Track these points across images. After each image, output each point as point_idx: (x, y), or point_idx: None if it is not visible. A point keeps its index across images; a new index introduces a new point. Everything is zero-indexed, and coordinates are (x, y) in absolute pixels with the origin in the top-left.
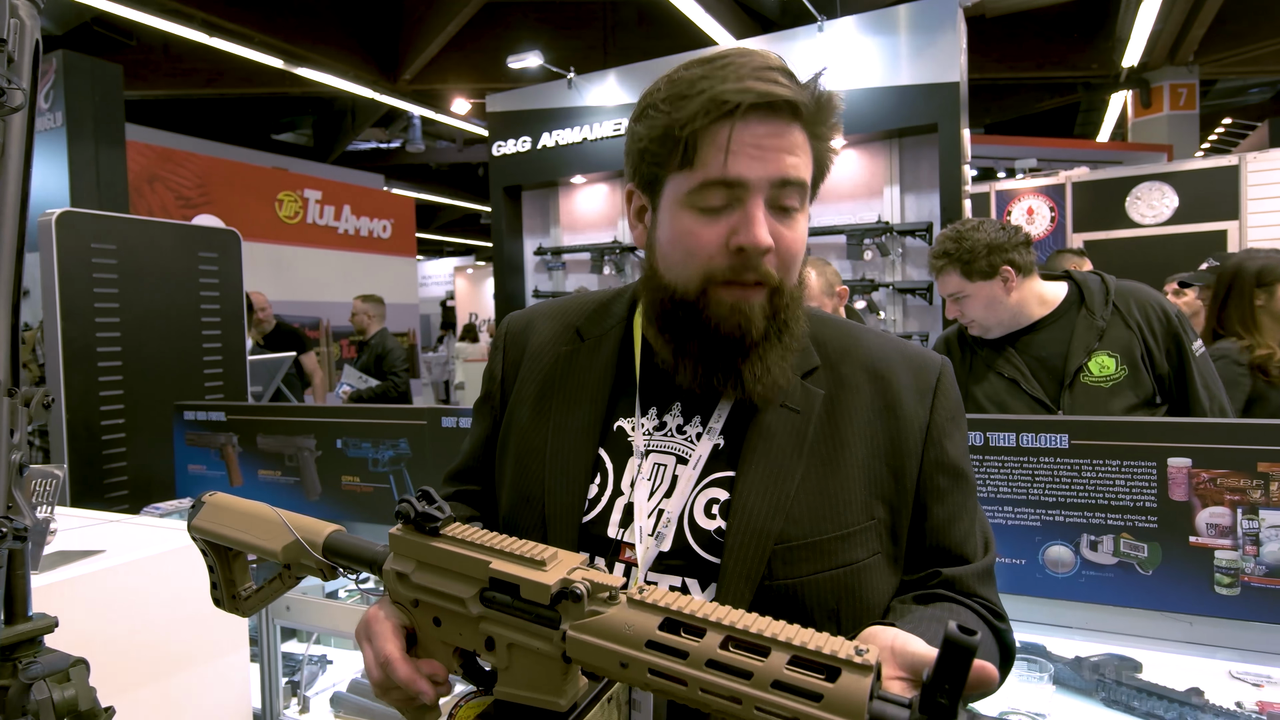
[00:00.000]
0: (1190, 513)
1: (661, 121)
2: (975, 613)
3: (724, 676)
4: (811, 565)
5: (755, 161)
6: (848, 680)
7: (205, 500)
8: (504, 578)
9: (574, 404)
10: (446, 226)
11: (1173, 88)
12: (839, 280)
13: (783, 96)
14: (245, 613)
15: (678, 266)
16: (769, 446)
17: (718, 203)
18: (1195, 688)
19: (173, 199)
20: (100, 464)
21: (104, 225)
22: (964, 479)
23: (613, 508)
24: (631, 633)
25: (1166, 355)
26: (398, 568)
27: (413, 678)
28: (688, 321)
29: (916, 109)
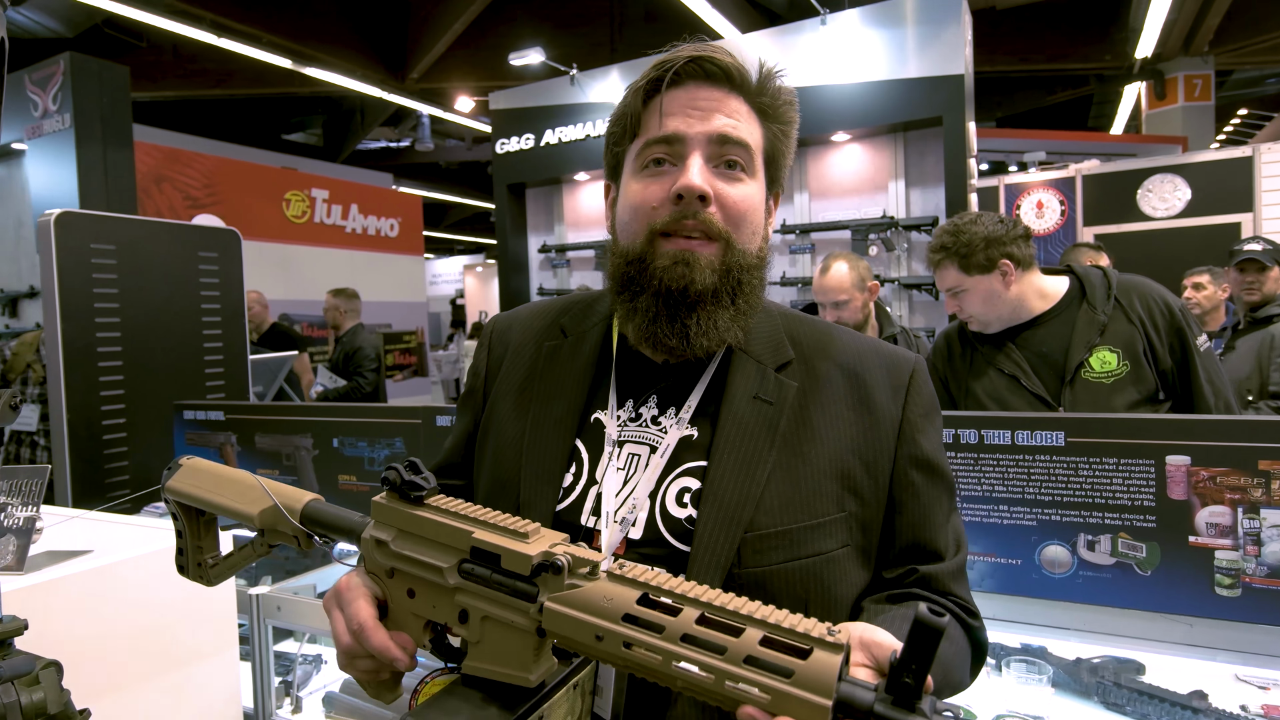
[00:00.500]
0: (1189, 512)
1: (619, 109)
2: (950, 611)
3: (698, 651)
4: (781, 554)
5: (691, 118)
6: (819, 658)
7: (182, 463)
8: (486, 547)
9: (553, 397)
10: (456, 225)
11: (1187, 79)
12: (870, 275)
13: (716, 59)
14: (211, 582)
15: (627, 226)
16: (741, 436)
17: (660, 155)
18: (1199, 690)
19: (180, 199)
20: (101, 463)
21: (103, 226)
22: (938, 475)
23: (586, 496)
24: (610, 606)
25: (1170, 350)
26: (378, 535)
27: (387, 644)
28: (638, 278)
29: (921, 102)
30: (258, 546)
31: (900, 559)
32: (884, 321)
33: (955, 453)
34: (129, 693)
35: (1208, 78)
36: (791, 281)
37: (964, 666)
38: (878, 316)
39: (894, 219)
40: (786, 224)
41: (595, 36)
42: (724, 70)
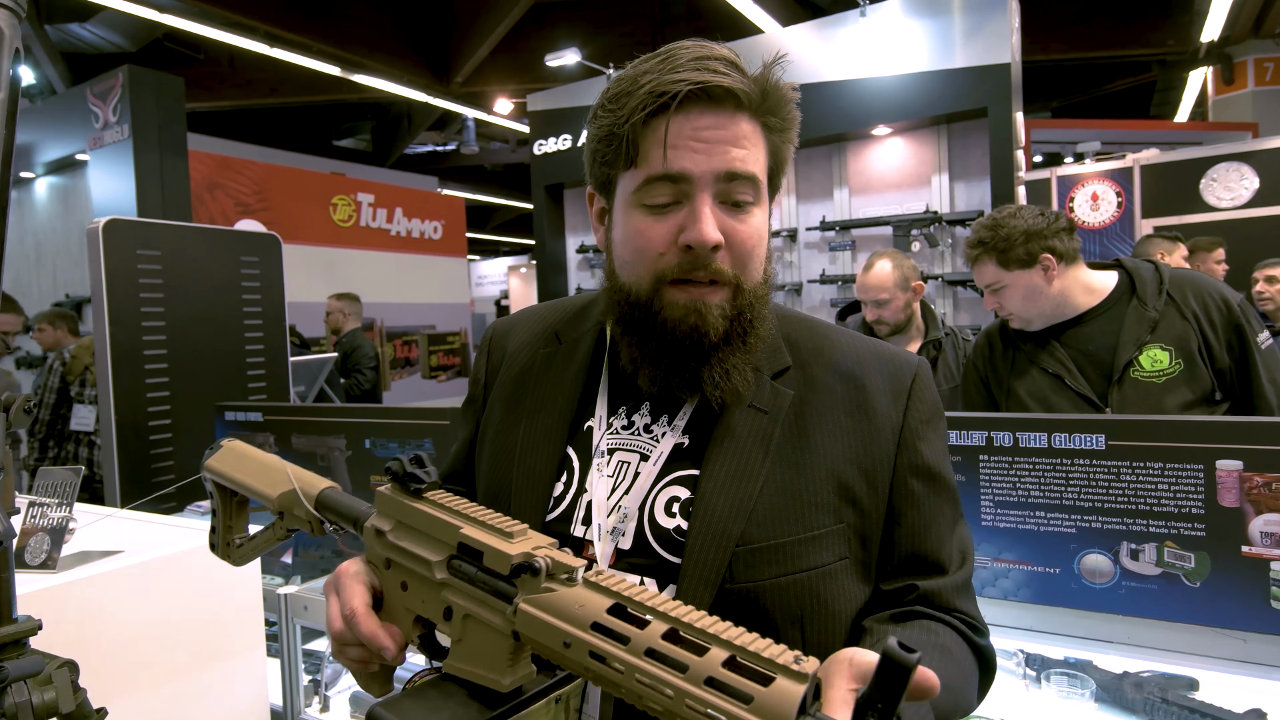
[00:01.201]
0: (1242, 520)
1: (607, 121)
2: (954, 629)
3: (659, 667)
4: (774, 568)
5: (698, 155)
6: (781, 686)
7: (223, 445)
8: (471, 543)
9: (546, 404)
10: (502, 227)
11: (1258, 62)
12: (916, 275)
13: (720, 84)
14: (236, 561)
15: (630, 266)
16: (734, 446)
17: (664, 199)
18: (1257, 709)
19: (231, 205)
20: (148, 463)
21: (149, 232)
22: (941, 483)
23: (576, 505)
24: (580, 613)
25: (1228, 348)
26: (378, 525)
27: (376, 633)
28: (644, 323)
29: (965, 93)
30: (277, 530)
31: (899, 571)
32: (930, 323)
33: (989, 455)
34: (156, 690)
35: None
36: (831, 279)
37: (971, 688)
38: (923, 317)
39: (937, 214)
40: (826, 220)
41: (638, 35)
42: (729, 93)
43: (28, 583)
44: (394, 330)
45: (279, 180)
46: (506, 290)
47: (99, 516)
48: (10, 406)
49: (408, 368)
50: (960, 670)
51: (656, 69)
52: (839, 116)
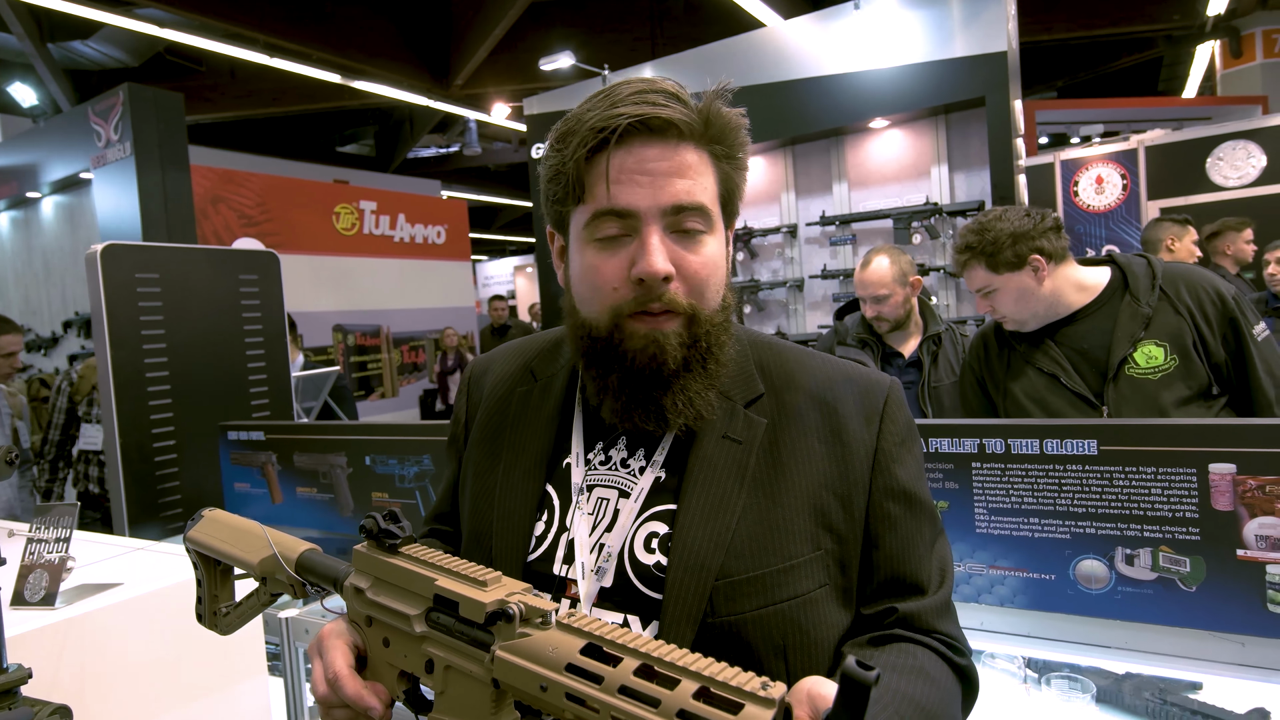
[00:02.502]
0: (1237, 523)
1: (554, 160)
2: (933, 650)
3: (633, 704)
4: (755, 600)
5: (642, 188)
6: (750, 713)
7: (204, 514)
8: (446, 594)
9: (523, 443)
10: (507, 226)
11: (1266, 34)
12: (913, 270)
13: (659, 115)
14: (223, 630)
15: (588, 302)
16: (709, 479)
17: (614, 232)
18: (1260, 708)
19: (235, 218)
20: (154, 484)
21: (147, 255)
22: (917, 504)
23: (558, 544)
24: (554, 655)
25: (1223, 341)
26: (357, 583)
27: (360, 694)
28: (605, 355)
29: (962, 82)
30: (261, 596)
31: (879, 595)
32: (928, 318)
33: (981, 463)
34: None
35: None
36: (833, 274)
37: (953, 706)
38: (921, 313)
39: (938, 205)
40: (825, 215)
41: (636, 31)
42: (670, 123)
43: (27, 621)
44: (400, 336)
45: (281, 191)
46: (514, 290)
47: (96, 545)
48: None
49: (415, 373)
50: (938, 692)
51: (599, 105)
52: (836, 110)
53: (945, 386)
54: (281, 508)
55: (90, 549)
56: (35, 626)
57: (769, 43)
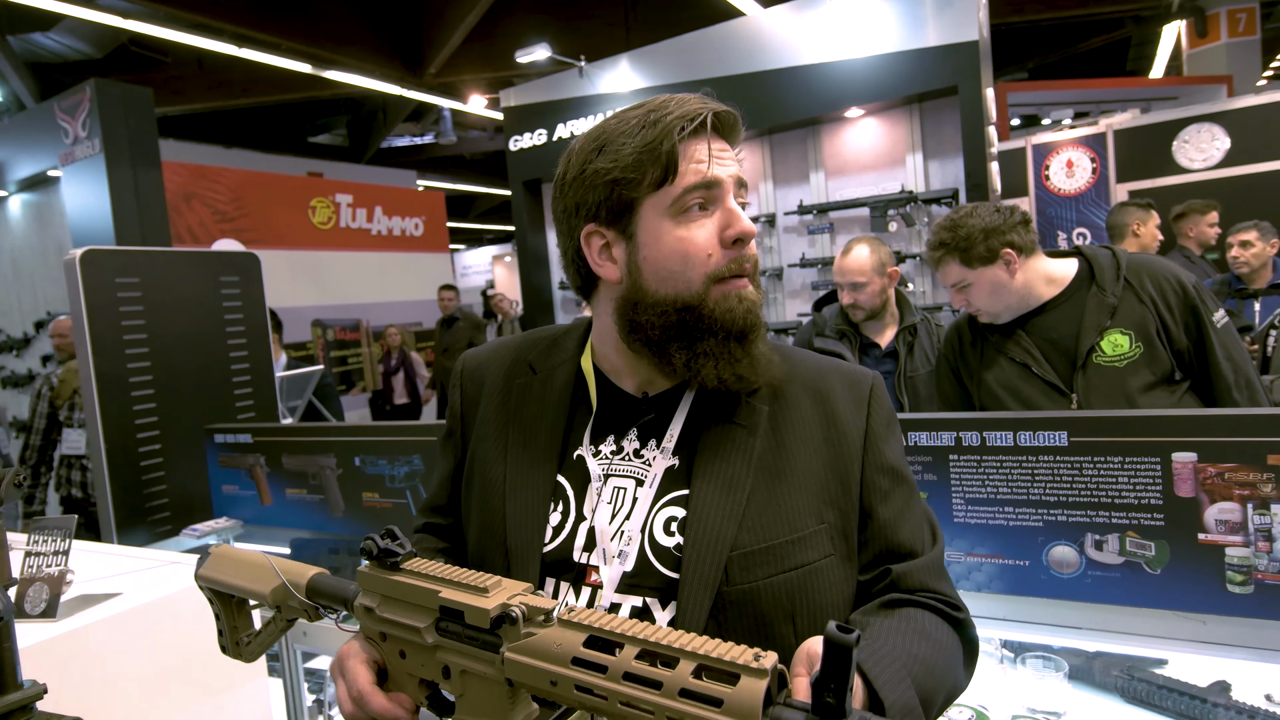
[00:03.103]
0: (1198, 509)
1: (632, 147)
2: (932, 609)
3: (638, 688)
4: (766, 569)
5: (720, 166)
6: (745, 684)
7: (211, 551)
8: (451, 605)
9: (530, 437)
10: (484, 215)
11: (1230, 14)
12: (892, 262)
13: (732, 112)
14: (248, 659)
15: (678, 275)
16: (720, 461)
17: (699, 203)
18: (1221, 681)
19: (209, 214)
20: (140, 489)
21: (127, 260)
22: (903, 480)
23: (576, 533)
24: (560, 651)
25: (1185, 329)
26: (366, 603)
27: (385, 707)
28: (697, 326)
29: (935, 71)
30: (278, 622)
31: (875, 561)
32: (904, 308)
33: (958, 455)
34: None
35: (1252, 11)
36: (811, 263)
37: (955, 667)
38: (898, 303)
39: (913, 193)
40: (803, 204)
41: (610, 18)
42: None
43: (29, 634)
44: (379, 329)
45: (256, 186)
46: (492, 280)
47: (92, 555)
48: (1, 481)
49: None
50: (940, 649)
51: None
52: (812, 100)
53: (921, 376)
54: (271, 509)
55: (85, 559)
56: (39, 640)
57: (745, 33)
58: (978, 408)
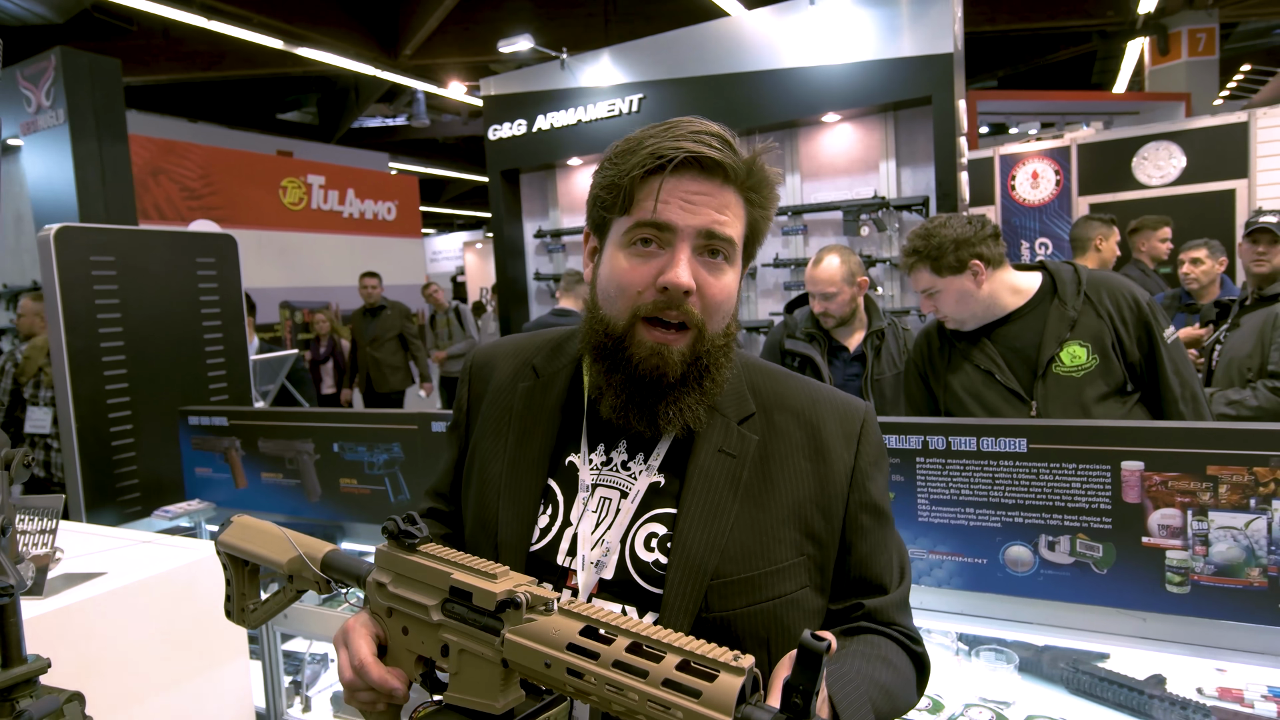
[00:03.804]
0: (1143, 514)
1: (610, 173)
2: (894, 640)
3: (625, 675)
4: (744, 599)
5: (684, 211)
6: (723, 680)
7: (233, 520)
8: (461, 586)
9: (527, 439)
10: (455, 200)
11: (1191, 33)
12: (862, 271)
13: (712, 156)
14: (251, 625)
15: (612, 301)
16: (707, 489)
17: (649, 244)
18: (1157, 675)
19: (177, 190)
20: (111, 469)
21: (103, 237)
22: (884, 517)
23: (561, 537)
24: (557, 636)
25: (1137, 343)
26: (379, 579)
27: (384, 678)
28: (614, 354)
29: (910, 81)
30: (287, 592)
31: (848, 593)
32: (872, 315)
33: (925, 458)
34: (147, 704)
35: (1212, 31)
36: (784, 263)
37: (910, 690)
38: (866, 309)
39: (885, 199)
40: (779, 206)
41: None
42: (719, 164)
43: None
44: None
45: (226, 163)
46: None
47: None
48: (10, 462)
49: None
50: (899, 676)
51: (659, 135)
52: (791, 103)
53: (887, 379)
54: (246, 493)
55: (66, 538)
56: (27, 617)
57: (727, 34)
58: (943, 411)
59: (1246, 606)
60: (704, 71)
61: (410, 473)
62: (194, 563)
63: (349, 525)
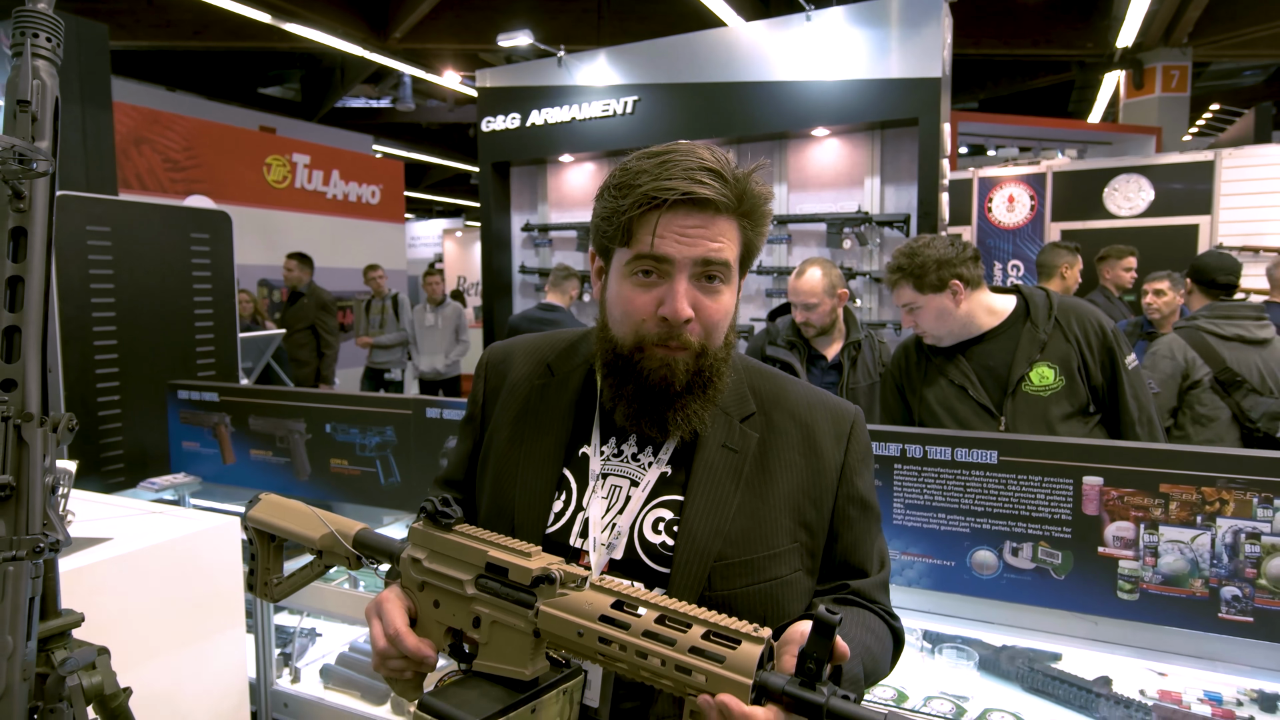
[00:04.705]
0: (1100, 526)
1: (610, 205)
2: (876, 614)
3: (654, 643)
4: (744, 580)
5: (680, 245)
6: (745, 648)
7: (260, 497)
8: (498, 562)
9: (543, 431)
10: (436, 186)
11: (1165, 69)
12: (842, 283)
13: (704, 196)
14: (274, 598)
15: (619, 324)
16: (712, 480)
17: (650, 275)
18: (1104, 676)
19: (160, 161)
20: (97, 439)
21: (99, 208)
22: (869, 509)
23: (574, 521)
24: (589, 609)
25: (1101, 368)
26: (414, 554)
27: (418, 647)
28: (624, 369)
29: (898, 102)
30: (315, 567)
31: (834, 575)
32: (850, 326)
33: (902, 465)
34: (146, 668)
35: (1185, 69)
36: (767, 270)
37: (887, 657)
38: (845, 321)
39: (868, 215)
40: None
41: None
42: (712, 201)
43: None
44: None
45: (210, 137)
46: (441, 254)
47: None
48: (58, 425)
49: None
50: (880, 643)
51: (654, 171)
52: (782, 116)
53: (862, 388)
54: (233, 468)
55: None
56: None
57: (722, 43)
58: (916, 421)
59: (1189, 614)
60: (699, 79)
61: (402, 456)
62: (197, 533)
63: (337, 505)
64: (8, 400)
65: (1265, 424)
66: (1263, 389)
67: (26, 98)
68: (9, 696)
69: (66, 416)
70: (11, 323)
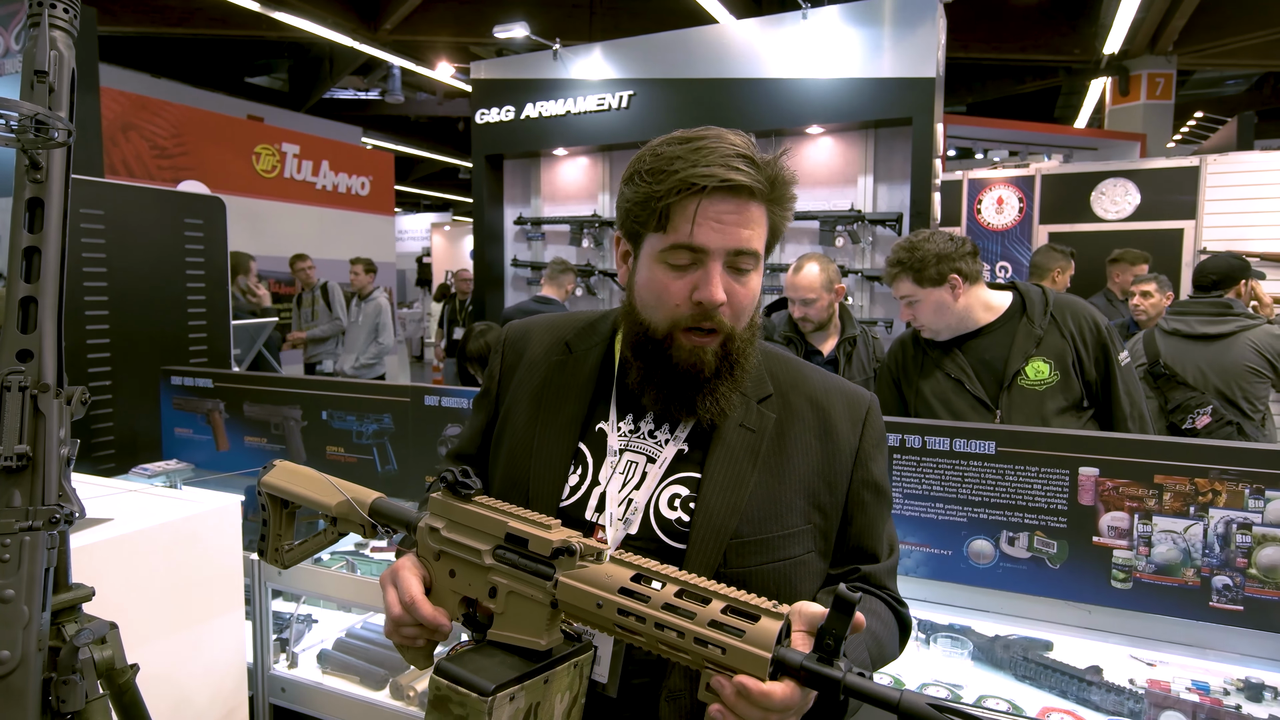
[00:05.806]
0: (1095, 516)
1: (643, 190)
2: (883, 600)
3: (674, 616)
4: (759, 558)
5: (715, 233)
6: (764, 623)
7: (275, 464)
8: (518, 533)
9: (560, 406)
10: (424, 180)
11: (1150, 77)
12: (839, 279)
13: (743, 183)
14: (285, 564)
15: (650, 309)
16: (728, 458)
17: (684, 262)
18: (1095, 666)
19: (147, 148)
20: (87, 424)
21: (92, 190)
22: (883, 495)
23: (590, 495)
24: (609, 581)
25: (1095, 364)
26: (432, 524)
27: (434, 614)
28: (655, 355)
29: (892, 101)
30: (329, 534)
31: (846, 559)
32: (846, 322)
33: (901, 455)
34: (147, 648)
35: (1170, 77)
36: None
37: (894, 642)
38: (841, 316)
39: (861, 213)
40: None
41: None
42: (747, 187)
43: None
44: None
45: (199, 124)
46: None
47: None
48: (71, 399)
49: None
50: (887, 629)
51: (689, 157)
52: (777, 113)
53: (859, 383)
54: (227, 455)
55: None
56: None
57: (718, 40)
58: (911, 414)
59: (1181, 603)
60: (694, 74)
61: (399, 444)
62: (197, 515)
63: None
64: (24, 370)
65: (1177, 416)
66: (1198, 383)
67: (44, 68)
68: (25, 665)
69: (80, 390)
70: (28, 293)
